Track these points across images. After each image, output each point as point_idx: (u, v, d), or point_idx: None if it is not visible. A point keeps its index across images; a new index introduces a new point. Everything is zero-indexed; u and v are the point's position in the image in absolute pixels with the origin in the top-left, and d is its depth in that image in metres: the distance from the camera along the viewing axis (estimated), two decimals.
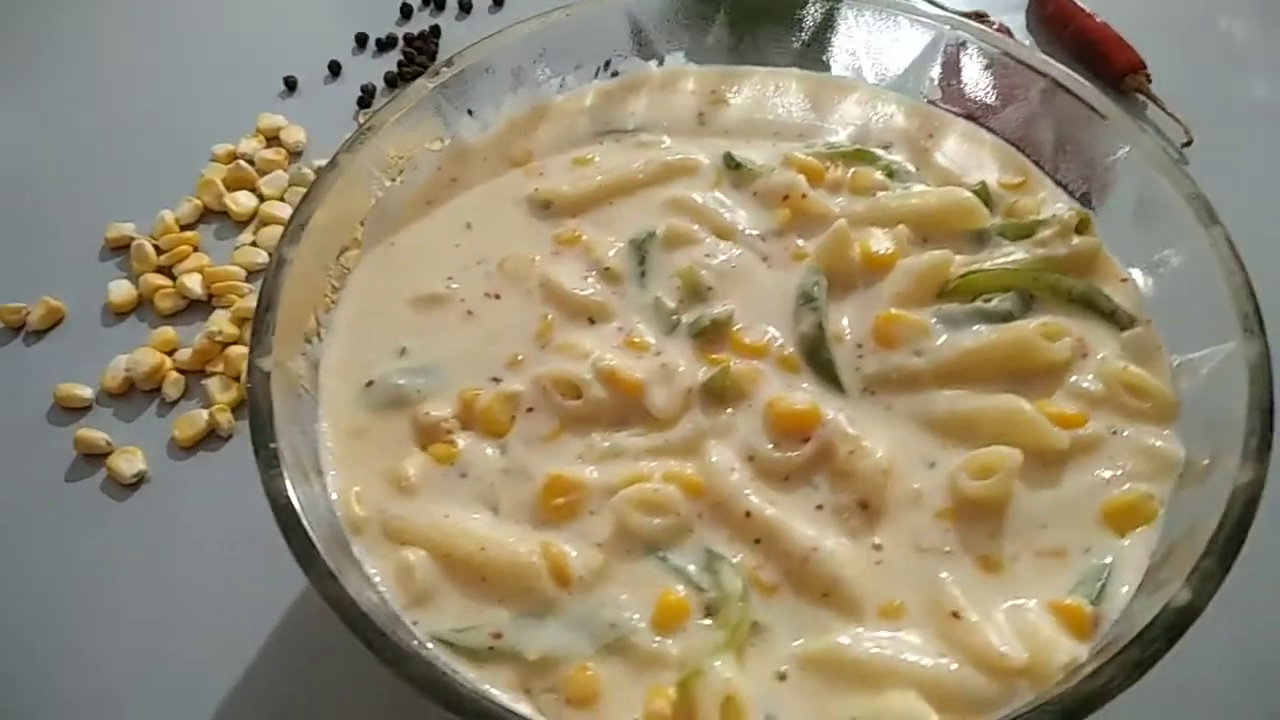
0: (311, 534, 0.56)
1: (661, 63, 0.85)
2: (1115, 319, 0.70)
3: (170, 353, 0.91)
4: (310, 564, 0.55)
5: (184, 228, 1.00)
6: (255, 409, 0.60)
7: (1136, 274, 0.72)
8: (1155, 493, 0.63)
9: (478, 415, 0.67)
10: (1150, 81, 1.06)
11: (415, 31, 1.17)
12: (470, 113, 0.80)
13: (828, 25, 0.83)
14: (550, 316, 0.71)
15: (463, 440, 0.66)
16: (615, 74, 0.85)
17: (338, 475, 0.64)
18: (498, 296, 0.73)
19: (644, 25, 0.82)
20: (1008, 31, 1.11)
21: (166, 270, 0.97)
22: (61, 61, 1.17)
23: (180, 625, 0.77)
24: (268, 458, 0.58)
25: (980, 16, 1.12)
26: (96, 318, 0.95)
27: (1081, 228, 0.73)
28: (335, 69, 1.14)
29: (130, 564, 0.81)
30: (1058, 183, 0.78)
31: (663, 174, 0.79)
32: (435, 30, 1.17)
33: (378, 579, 0.61)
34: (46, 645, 0.76)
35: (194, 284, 0.94)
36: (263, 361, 0.62)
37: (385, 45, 1.16)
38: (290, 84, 1.13)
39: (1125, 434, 0.65)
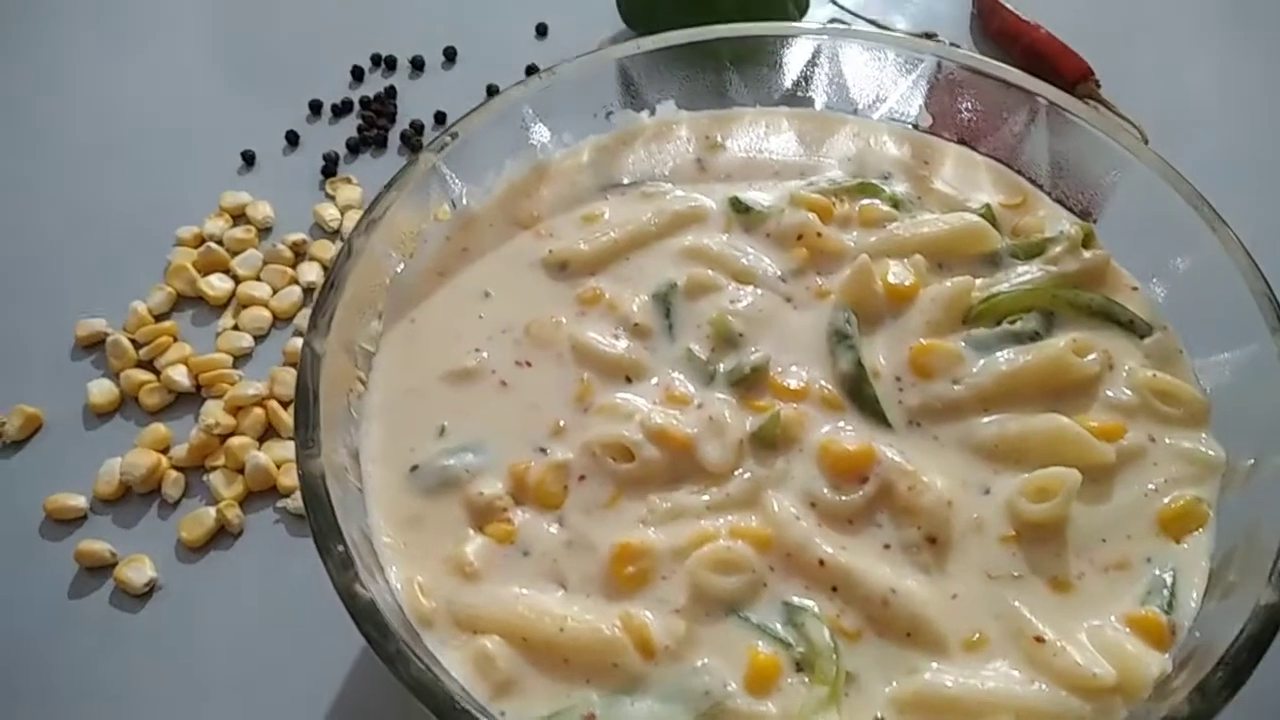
0: (399, 633, 0.54)
1: (653, 112, 0.85)
2: (1134, 328, 0.72)
3: (164, 450, 0.88)
4: (405, 664, 0.53)
5: (158, 317, 0.97)
6: (318, 511, 0.58)
7: (1145, 282, 0.74)
8: (1203, 495, 0.65)
9: (530, 489, 0.65)
10: (1100, 87, 1.10)
11: (370, 94, 1.15)
12: (473, 182, 0.78)
13: (812, 62, 0.84)
14: (586, 378, 0.70)
15: (519, 517, 0.65)
16: (603, 121, 0.85)
17: (398, 568, 0.62)
18: (529, 364, 0.71)
19: (633, 76, 0.82)
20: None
21: (148, 364, 0.93)
22: (8, 155, 1.12)
23: None
24: (340, 561, 0.56)
25: (930, 37, 1.15)
26: (78, 421, 0.91)
27: (1087, 241, 0.75)
28: (293, 139, 1.11)
29: (155, 675, 0.77)
30: (1055, 199, 0.80)
31: (674, 223, 0.78)
32: (391, 91, 1.15)
33: (456, 672, 0.59)
34: None
35: (180, 376, 0.91)
36: (314, 464, 0.60)
37: (341, 110, 1.14)
38: (248, 158, 1.10)
39: (1165, 441, 0.67)
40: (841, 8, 1.21)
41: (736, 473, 0.66)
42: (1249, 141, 1.10)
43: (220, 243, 1.01)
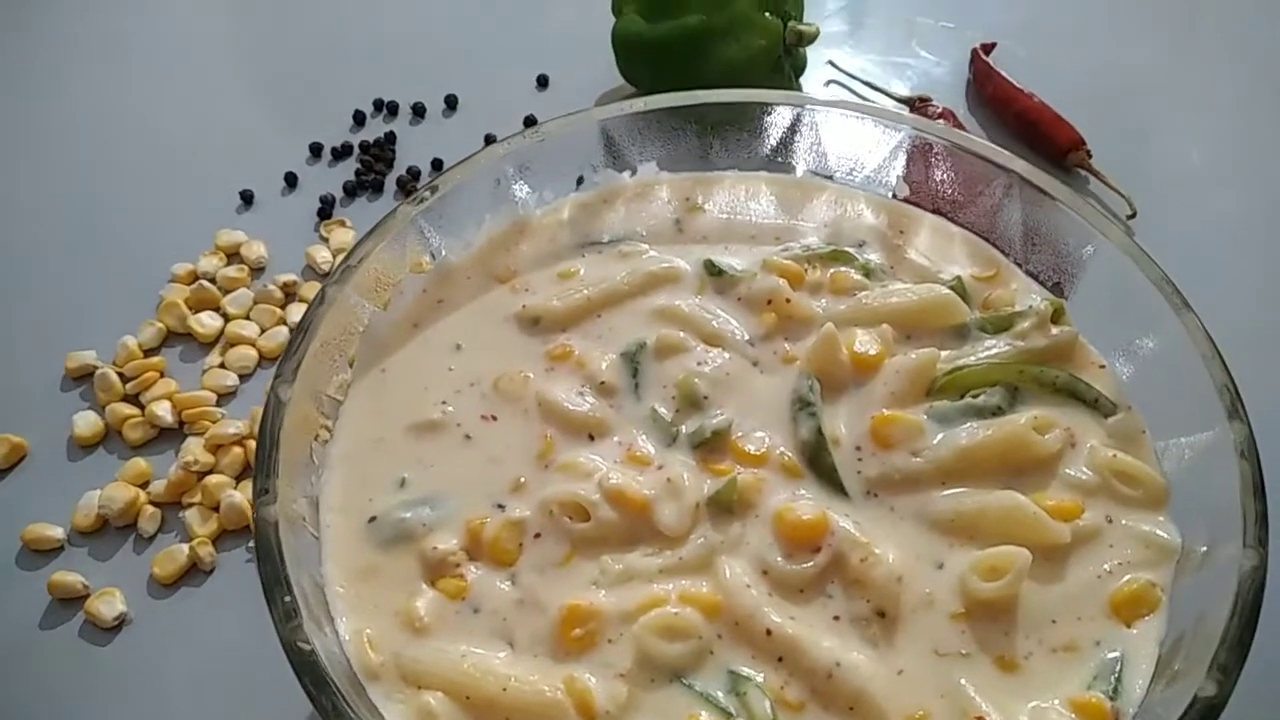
0: (337, 689, 0.55)
1: (634, 173, 0.86)
2: (1099, 406, 0.73)
3: (144, 485, 0.89)
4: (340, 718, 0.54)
5: (147, 352, 0.98)
6: (267, 559, 0.59)
7: (1113, 360, 0.75)
8: (1157, 580, 0.64)
9: (485, 546, 0.66)
10: (1091, 157, 1.11)
11: (370, 139, 1.17)
12: (453, 235, 0.80)
13: (794, 129, 0.85)
14: (550, 435, 0.71)
15: (472, 573, 0.65)
16: (581, 182, 0.86)
17: (348, 619, 0.63)
18: (494, 418, 0.72)
19: (616, 138, 0.84)
20: (951, 114, 1.15)
21: (133, 399, 0.95)
22: (7, 186, 1.15)
23: None
24: (285, 611, 0.57)
25: (924, 101, 1.16)
26: (62, 452, 0.92)
27: (1056, 317, 0.76)
28: (292, 180, 1.14)
29: (120, 710, 0.78)
30: (1028, 273, 0.80)
31: (647, 284, 0.79)
32: (390, 136, 1.17)
33: None
34: None
35: (164, 412, 0.92)
36: (268, 510, 0.61)
37: (341, 154, 1.16)
38: (247, 198, 1.12)
39: (1122, 522, 0.67)
40: (839, 69, 1.22)
41: (692, 537, 0.66)
42: (1238, 215, 1.10)
43: (213, 280, 1.03)
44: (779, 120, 0.85)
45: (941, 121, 1.12)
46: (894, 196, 0.85)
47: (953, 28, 1.31)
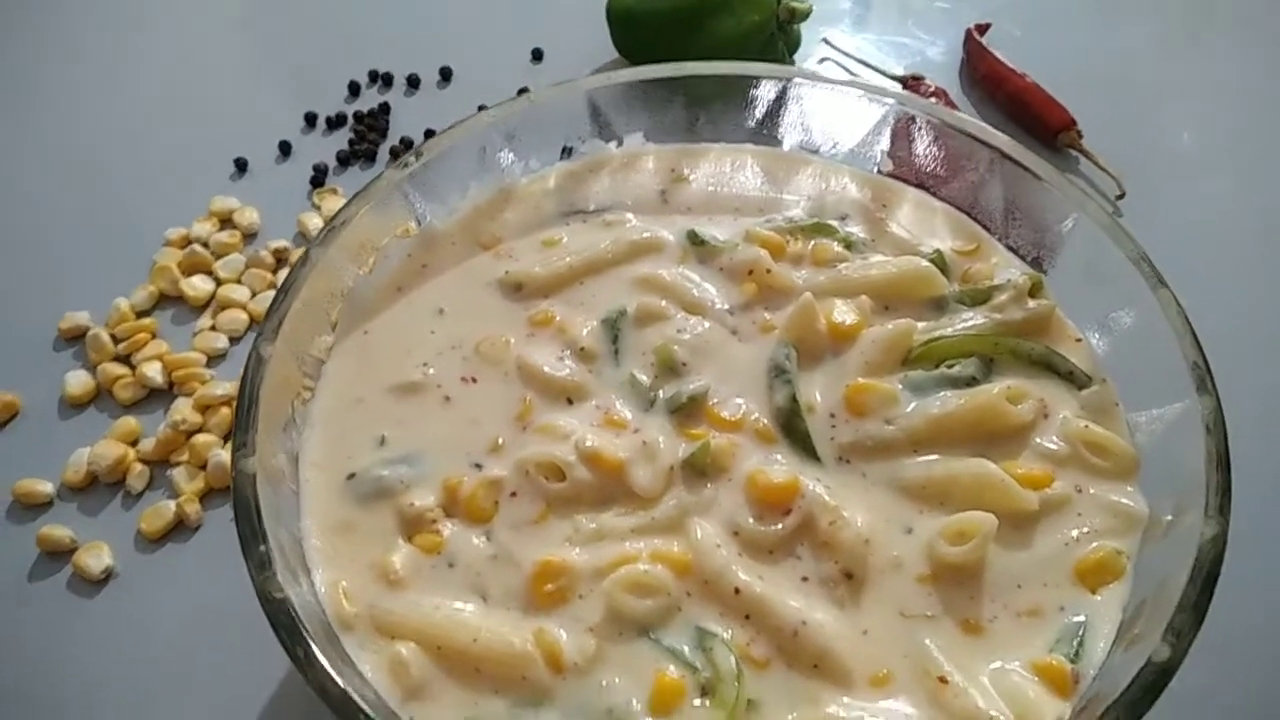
0: (309, 637, 0.56)
1: (621, 143, 0.87)
2: (1073, 379, 0.73)
3: (133, 443, 0.90)
4: (311, 667, 0.55)
5: (140, 314, 0.99)
6: (243, 511, 0.60)
7: (1089, 334, 0.75)
8: (1123, 549, 0.65)
9: (462, 503, 0.67)
10: (1082, 137, 1.11)
11: (365, 109, 1.18)
12: (439, 201, 0.81)
13: (780, 102, 0.86)
14: (529, 398, 0.72)
15: (448, 529, 0.67)
16: (570, 152, 0.87)
17: (324, 571, 0.64)
18: (475, 381, 0.73)
19: (603, 108, 0.84)
20: (944, 94, 1.15)
21: (125, 359, 0.96)
22: (6, 149, 1.16)
23: (164, 716, 0.76)
24: (260, 561, 0.58)
25: (916, 79, 1.17)
26: (54, 410, 0.94)
27: (1034, 291, 0.76)
28: (286, 149, 1.14)
29: (105, 661, 0.79)
30: (1009, 248, 0.81)
31: (630, 252, 0.80)
32: (385, 107, 1.18)
33: (371, 675, 0.60)
34: None
35: (154, 372, 0.93)
36: (246, 463, 0.62)
37: (335, 124, 1.17)
38: (241, 165, 1.13)
39: (1090, 491, 0.68)
40: (833, 47, 1.23)
41: (665, 498, 0.67)
42: (1228, 198, 1.10)
43: (206, 245, 1.04)
44: (765, 94, 0.86)
45: (933, 100, 1.13)
46: (878, 171, 0.86)
47: (948, 8, 1.31)
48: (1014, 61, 1.18)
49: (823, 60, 1.23)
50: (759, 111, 0.86)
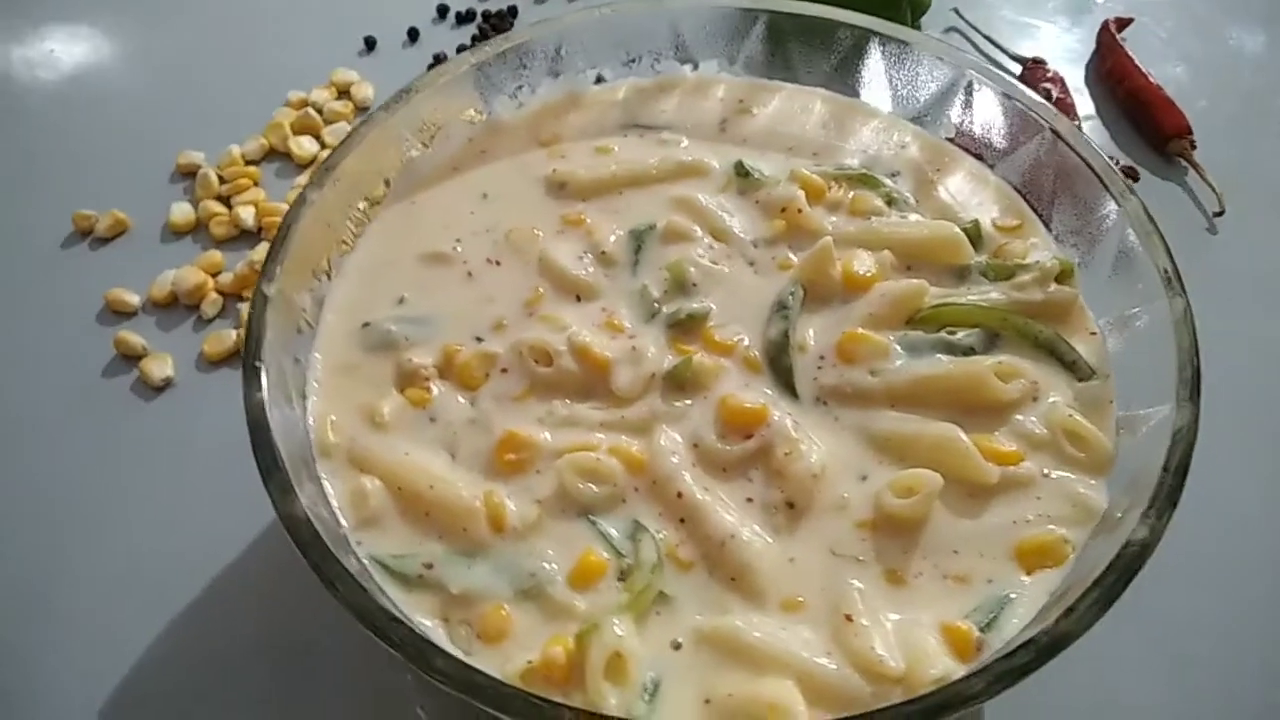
0: (279, 448, 0.62)
1: (696, 68, 0.89)
2: (1075, 369, 0.72)
3: (214, 274, 0.99)
4: (270, 476, 0.61)
5: (248, 163, 1.08)
6: (250, 329, 0.66)
7: (1106, 329, 0.74)
8: (1071, 538, 0.65)
9: (456, 368, 0.72)
10: (1195, 148, 1.07)
11: (493, 9, 1.23)
12: (509, 94, 0.85)
13: (859, 51, 0.86)
14: (541, 289, 0.76)
15: (437, 389, 0.72)
16: (637, 62, 0.89)
17: (319, 402, 0.71)
18: (498, 263, 0.78)
19: (683, 31, 0.87)
20: (1061, 81, 1.12)
21: (225, 200, 1.05)
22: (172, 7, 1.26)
23: (182, 519, 0.84)
24: (251, 374, 0.64)
25: (1038, 63, 1.14)
26: (156, 234, 1.04)
27: (1063, 278, 0.75)
28: (414, 35, 1.21)
29: (148, 459, 0.88)
30: (1052, 232, 0.80)
31: (675, 172, 0.83)
32: (513, 10, 1.23)
33: (334, 499, 0.66)
34: (66, 522, 0.84)
35: (247, 215, 1.02)
36: (267, 287, 0.68)
37: (464, 19, 1.23)
38: (370, 43, 1.20)
39: (1055, 477, 0.67)
40: (961, 18, 1.21)
41: (640, 402, 0.71)
42: None
43: (320, 111, 1.12)
44: (847, 41, 0.86)
45: (1048, 86, 1.10)
46: (943, 136, 0.85)
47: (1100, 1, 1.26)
48: (1149, 62, 1.14)
49: (948, 30, 1.21)
50: (836, 58, 0.87)
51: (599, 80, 0.89)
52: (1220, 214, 1.03)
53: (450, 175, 0.83)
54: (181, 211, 1.04)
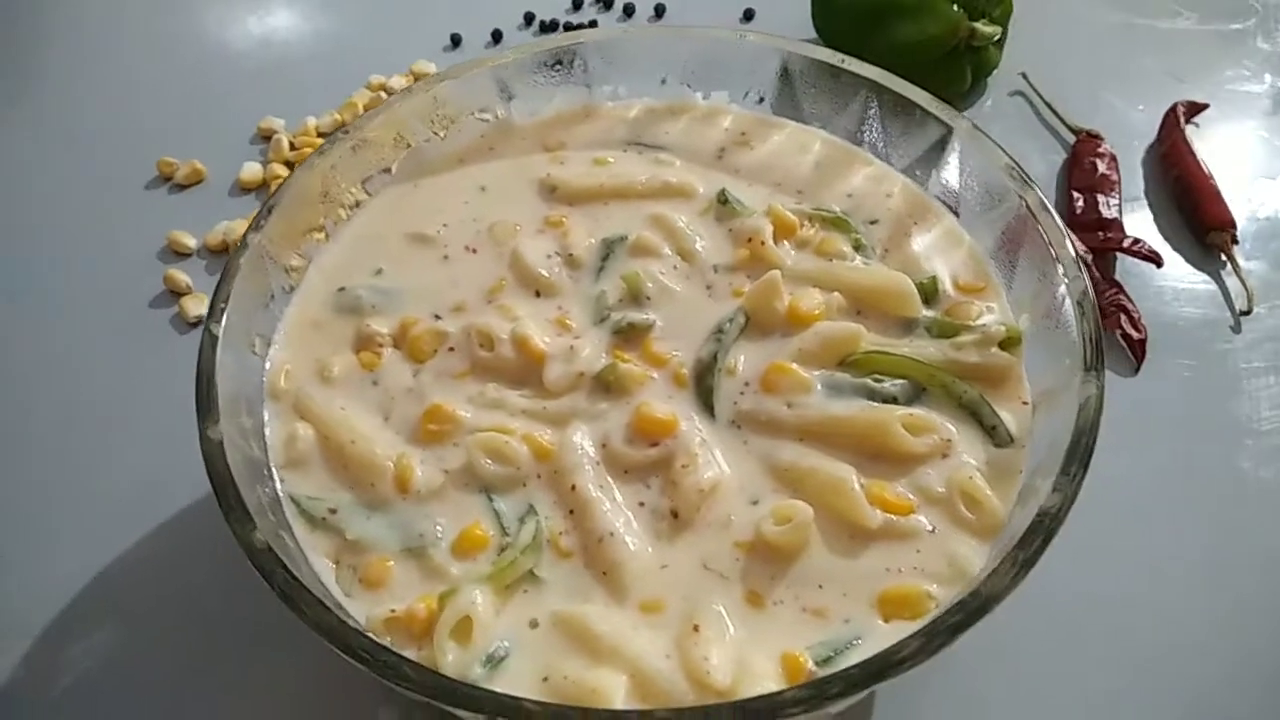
0: (217, 387, 0.69)
1: (707, 96, 0.93)
2: (995, 434, 0.73)
3: None
4: (205, 413, 0.68)
5: (320, 135, 1.18)
6: (225, 271, 0.74)
7: (1039, 400, 0.74)
8: (936, 594, 0.66)
9: (408, 340, 0.78)
10: (1236, 243, 1.03)
11: (577, 22, 1.30)
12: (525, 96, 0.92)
13: (866, 104, 0.88)
14: (505, 280, 0.82)
15: (387, 356, 0.78)
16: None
17: (280, 350, 0.78)
18: (475, 251, 0.84)
19: (695, 62, 0.91)
20: (1112, 158, 1.10)
21: (291, 165, 1.14)
22: None
23: (184, 446, 0.93)
24: (215, 313, 0.72)
25: (1092, 136, 1.12)
26: (226, 187, 1.14)
27: (1008, 344, 0.76)
28: (497, 37, 1.29)
29: (168, 387, 0.97)
30: (1011, 301, 0.80)
31: (660, 191, 0.87)
32: (594, 24, 1.29)
33: (269, 437, 0.73)
34: (85, 436, 0.93)
35: None
36: (251, 235, 0.76)
37: (547, 28, 1.30)
38: (455, 40, 1.28)
39: (939, 534, 0.68)
40: (1027, 81, 1.20)
41: (565, 398, 0.75)
42: None
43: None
44: (852, 91, 0.88)
45: (1095, 160, 1.09)
46: (931, 192, 0.86)
47: (1182, 82, 1.23)
48: (1211, 152, 1.11)
49: (1013, 94, 1.21)
50: (840, 103, 0.89)
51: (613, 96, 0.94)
52: (1247, 313, 1.00)
53: (455, 166, 0.90)
54: (251, 170, 1.14)
